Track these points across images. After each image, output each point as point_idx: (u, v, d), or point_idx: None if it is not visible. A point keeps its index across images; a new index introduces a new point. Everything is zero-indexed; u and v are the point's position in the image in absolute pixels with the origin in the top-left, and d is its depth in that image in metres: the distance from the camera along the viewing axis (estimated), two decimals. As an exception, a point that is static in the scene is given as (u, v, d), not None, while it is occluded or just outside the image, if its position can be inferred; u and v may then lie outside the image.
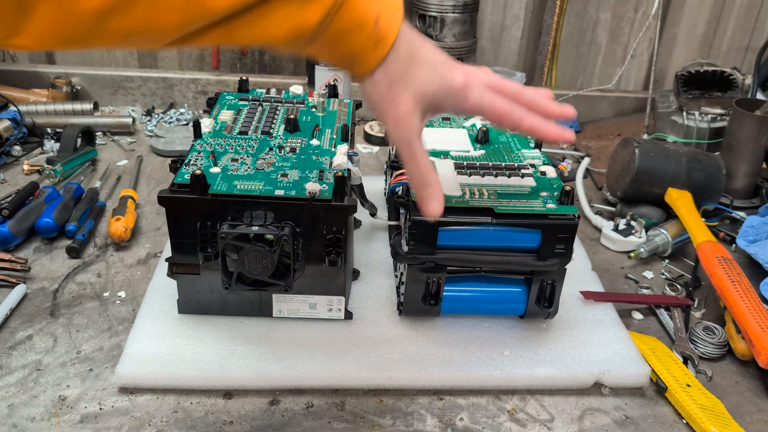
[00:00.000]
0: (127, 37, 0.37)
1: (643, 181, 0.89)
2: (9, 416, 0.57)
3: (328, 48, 0.44)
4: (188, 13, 0.37)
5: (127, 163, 1.02)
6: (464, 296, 0.65)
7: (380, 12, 0.44)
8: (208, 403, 0.59)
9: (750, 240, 0.81)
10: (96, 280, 0.74)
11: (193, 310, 0.66)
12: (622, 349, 0.65)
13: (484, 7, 1.24)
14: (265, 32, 0.40)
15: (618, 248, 0.86)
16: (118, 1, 0.34)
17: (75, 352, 0.64)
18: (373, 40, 0.44)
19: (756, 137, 0.94)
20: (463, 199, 0.60)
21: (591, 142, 1.17)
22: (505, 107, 0.51)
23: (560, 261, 0.61)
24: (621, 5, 1.29)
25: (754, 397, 0.64)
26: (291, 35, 0.41)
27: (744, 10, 1.30)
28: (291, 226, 0.59)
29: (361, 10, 0.43)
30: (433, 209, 0.51)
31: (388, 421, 0.59)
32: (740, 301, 0.68)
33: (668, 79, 1.34)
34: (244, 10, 0.39)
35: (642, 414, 0.61)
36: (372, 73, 0.47)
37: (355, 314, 0.67)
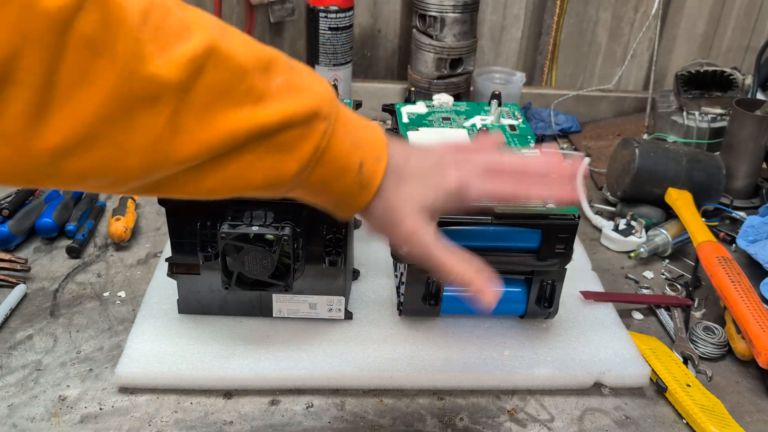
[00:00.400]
0: (83, 179, 0.34)
1: (643, 181, 0.89)
2: (9, 416, 0.57)
3: (311, 194, 0.43)
4: (150, 159, 0.34)
5: (127, 163, 1.02)
6: (464, 296, 0.64)
7: (363, 157, 0.42)
8: (208, 403, 0.59)
9: (750, 240, 0.81)
10: (96, 280, 0.74)
11: (193, 310, 0.66)
12: (622, 349, 0.65)
13: (484, 7, 1.24)
14: (239, 181, 0.39)
15: (618, 248, 0.86)
16: (75, 141, 0.32)
17: (75, 352, 0.64)
18: (358, 185, 0.43)
19: (756, 137, 0.94)
20: (463, 199, 0.60)
21: (591, 142, 1.17)
22: (507, 191, 0.49)
23: (560, 261, 0.61)
24: (621, 5, 1.29)
25: (754, 397, 0.64)
26: (267, 184, 0.40)
27: (744, 10, 1.30)
28: (291, 226, 0.59)
29: (344, 158, 0.41)
30: (489, 298, 0.48)
31: (388, 421, 0.59)
32: (740, 301, 0.68)
33: (668, 79, 1.34)
34: (214, 159, 0.37)
35: (642, 414, 0.61)
36: (362, 211, 0.45)
37: (355, 314, 0.67)
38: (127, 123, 0.33)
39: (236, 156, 0.37)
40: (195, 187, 0.38)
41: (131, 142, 0.33)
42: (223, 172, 0.38)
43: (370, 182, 0.43)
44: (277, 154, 0.39)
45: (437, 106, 0.81)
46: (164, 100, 0.33)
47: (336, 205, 0.45)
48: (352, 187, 0.43)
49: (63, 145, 0.32)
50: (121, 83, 0.32)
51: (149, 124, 0.34)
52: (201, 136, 0.35)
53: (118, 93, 0.32)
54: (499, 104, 0.79)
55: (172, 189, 0.38)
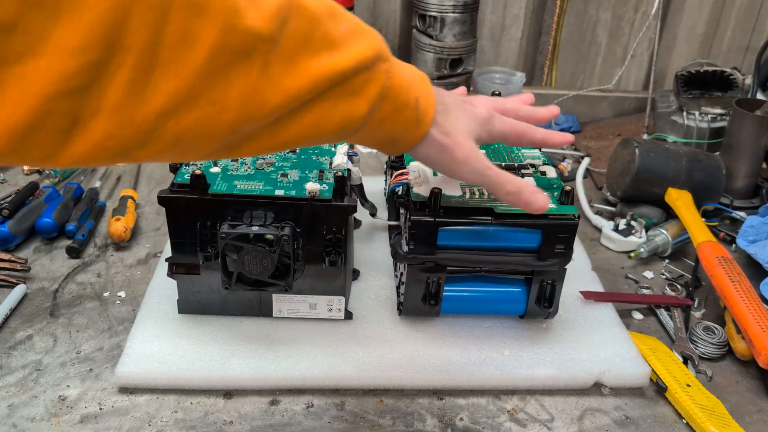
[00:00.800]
0: (178, 142, 0.34)
1: (643, 181, 0.89)
2: (9, 416, 0.57)
3: (371, 135, 0.45)
4: (243, 113, 0.35)
5: (127, 163, 1.02)
6: (464, 296, 0.65)
7: (417, 93, 0.45)
8: (208, 403, 0.59)
9: (750, 240, 0.81)
10: (96, 280, 0.74)
11: (193, 310, 0.66)
12: (622, 349, 0.65)
13: (484, 7, 1.24)
14: (315, 129, 0.40)
15: (618, 248, 0.86)
16: (178, 102, 0.32)
17: (75, 352, 0.64)
18: (414, 120, 0.45)
19: (756, 137, 0.94)
20: (463, 199, 0.60)
21: (591, 142, 1.17)
22: (521, 126, 0.55)
23: (560, 261, 0.61)
24: (621, 5, 1.29)
25: (754, 397, 0.64)
26: (339, 129, 0.41)
27: (744, 10, 1.30)
28: (291, 226, 0.59)
29: (403, 96, 0.44)
30: (543, 202, 0.52)
31: (388, 421, 0.59)
32: (740, 301, 0.68)
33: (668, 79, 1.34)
34: (294, 110, 0.38)
35: (642, 414, 0.61)
36: (415, 146, 0.48)
37: (355, 314, 0.67)
38: (224, 78, 0.34)
39: (316, 103, 0.39)
40: (272, 140, 0.39)
41: (228, 97, 0.34)
42: (301, 121, 0.39)
43: (424, 116, 0.46)
44: (350, 98, 0.40)
45: None
46: (257, 52, 0.34)
47: (392, 143, 0.47)
48: (409, 122, 0.45)
49: (166, 107, 0.32)
50: (221, 39, 0.32)
51: (244, 78, 0.34)
52: (288, 85, 0.36)
53: (218, 49, 0.33)
54: (499, 104, 0.79)
55: (251, 145, 0.39)
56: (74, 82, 0.29)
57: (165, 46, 0.31)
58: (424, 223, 0.59)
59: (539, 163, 0.68)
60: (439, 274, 0.62)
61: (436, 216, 0.59)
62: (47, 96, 0.29)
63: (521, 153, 0.70)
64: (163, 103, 0.32)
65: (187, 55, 0.32)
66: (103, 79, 0.30)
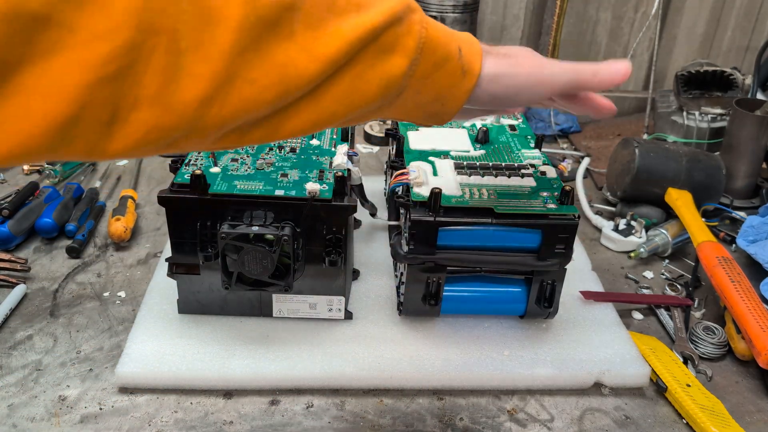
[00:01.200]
0: (222, 126, 0.34)
1: (643, 181, 0.89)
2: (9, 416, 0.57)
3: (415, 96, 0.42)
4: (283, 84, 0.34)
5: (127, 163, 1.02)
6: (464, 296, 0.65)
7: (460, 43, 0.43)
8: (208, 403, 0.59)
9: (750, 240, 0.81)
10: (96, 280, 0.74)
11: (193, 310, 0.66)
12: (622, 349, 0.65)
13: (484, 7, 1.24)
14: (355, 95, 0.38)
15: (618, 248, 0.86)
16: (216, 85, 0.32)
17: (75, 352, 0.64)
18: (460, 70, 0.43)
19: (756, 137, 0.94)
20: (463, 199, 0.60)
21: (591, 142, 1.17)
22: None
23: (560, 261, 0.61)
24: (621, 5, 1.29)
25: (754, 397, 0.64)
26: (381, 90, 0.39)
27: (744, 10, 1.30)
28: (291, 226, 0.59)
29: (443, 46, 0.41)
30: (625, 68, 0.49)
31: (388, 421, 0.59)
32: (740, 301, 0.68)
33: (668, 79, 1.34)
34: (333, 74, 0.37)
35: (642, 414, 0.61)
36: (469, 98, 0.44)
37: (355, 314, 0.67)
38: (256, 54, 0.33)
39: (352, 66, 0.37)
40: (313, 113, 0.38)
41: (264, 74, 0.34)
42: (339, 87, 0.37)
43: (471, 66, 0.43)
44: (386, 55, 0.38)
45: None
46: (283, 21, 0.34)
47: (440, 102, 0.44)
48: (455, 73, 0.42)
49: (206, 92, 0.32)
50: (245, 13, 0.32)
51: (276, 50, 0.34)
52: (320, 51, 0.35)
53: (244, 25, 0.32)
54: (499, 104, 0.79)
55: (293, 123, 0.37)
56: (109, 68, 0.29)
57: (190, 27, 0.31)
58: (424, 223, 0.59)
59: (539, 163, 0.68)
60: (439, 274, 0.62)
61: (436, 216, 0.59)
62: (85, 85, 0.28)
63: (521, 153, 0.70)
64: (202, 88, 0.32)
65: (214, 34, 0.31)
66: (138, 65, 0.30)
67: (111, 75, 0.29)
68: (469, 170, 0.65)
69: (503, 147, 0.72)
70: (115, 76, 0.29)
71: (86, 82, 0.28)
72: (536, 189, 0.63)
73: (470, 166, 0.66)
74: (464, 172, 0.65)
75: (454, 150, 0.70)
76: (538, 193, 0.62)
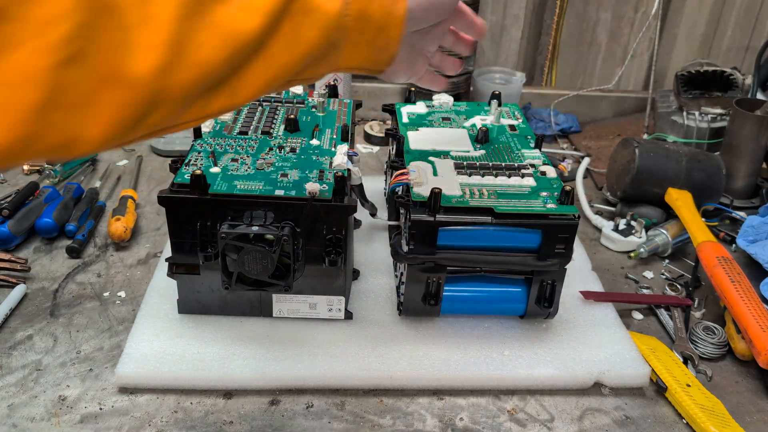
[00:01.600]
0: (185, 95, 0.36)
1: (643, 181, 0.89)
2: (9, 416, 0.57)
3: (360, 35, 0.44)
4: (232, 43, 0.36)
5: (127, 163, 1.02)
6: (464, 296, 0.65)
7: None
8: (208, 403, 0.59)
9: (750, 240, 0.81)
10: (96, 280, 0.74)
11: (193, 310, 0.66)
12: (622, 349, 0.65)
13: (484, 7, 1.24)
14: (300, 42, 0.40)
15: (618, 248, 0.86)
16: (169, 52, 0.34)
17: (75, 352, 0.64)
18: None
19: (756, 137, 0.94)
20: (463, 199, 0.60)
21: (591, 142, 1.17)
22: None
23: (560, 261, 0.61)
24: (621, 5, 1.29)
25: (754, 397, 0.64)
26: (323, 33, 0.41)
27: (744, 10, 1.30)
28: (291, 226, 0.59)
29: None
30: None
31: (388, 421, 0.59)
32: (740, 301, 0.68)
33: (668, 79, 1.34)
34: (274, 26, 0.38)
35: (642, 414, 0.61)
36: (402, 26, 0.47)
37: (355, 314, 0.67)
38: (200, 19, 0.35)
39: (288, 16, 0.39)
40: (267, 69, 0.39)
41: (211, 36, 0.35)
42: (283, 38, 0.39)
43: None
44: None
45: (437, 106, 0.81)
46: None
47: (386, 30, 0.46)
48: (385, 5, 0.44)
49: (159, 62, 0.33)
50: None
51: (217, 12, 0.36)
52: (257, 6, 0.37)
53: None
54: (499, 104, 0.79)
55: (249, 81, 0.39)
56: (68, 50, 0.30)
57: (132, 3, 0.32)
58: (424, 223, 0.59)
59: (539, 163, 0.68)
60: (439, 274, 0.62)
61: (436, 216, 0.59)
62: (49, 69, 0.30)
63: (521, 153, 0.70)
64: (155, 58, 0.33)
65: (156, 6, 0.33)
66: (93, 44, 0.31)
67: (71, 56, 0.30)
68: (469, 170, 0.65)
69: (503, 147, 0.72)
70: (74, 57, 0.30)
71: (50, 66, 0.30)
72: (536, 189, 0.63)
73: (470, 166, 0.66)
74: (464, 172, 0.65)
75: (454, 150, 0.70)
76: (538, 193, 0.62)
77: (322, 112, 0.77)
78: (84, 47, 0.31)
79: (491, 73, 1.22)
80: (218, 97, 0.38)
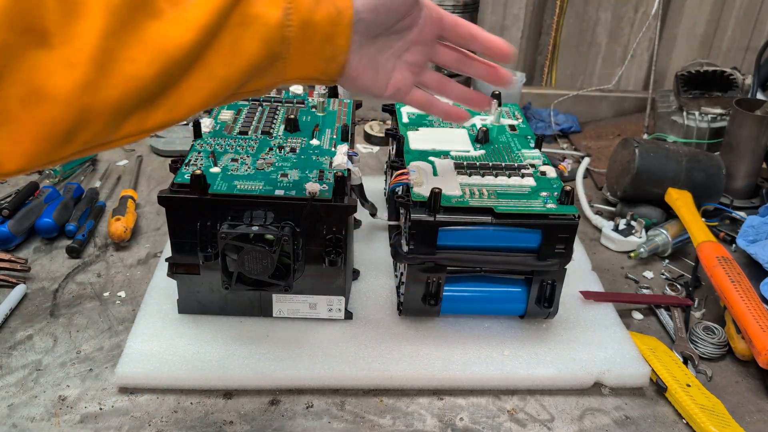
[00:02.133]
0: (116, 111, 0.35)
1: (643, 181, 0.89)
2: (9, 416, 0.57)
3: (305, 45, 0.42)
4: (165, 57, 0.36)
5: (127, 163, 1.02)
6: (464, 296, 0.65)
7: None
8: (208, 403, 0.59)
9: (750, 240, 0.81)
10: (96, 280, 0.74)
11: (193, 310, 0.66)
12: (622, 349, 0.65)
13: (484, 7, 1.24)
14: (241, 55, 0.39)
15: (618, 248, 0.86)
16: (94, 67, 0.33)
17: (75, 352, 0.64)
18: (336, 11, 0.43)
19: (756, 137, 0.94)
20: (463, 199, 0.60)
21: (591, 142, 1.17)
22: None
23: (560, 261, 0.61)
24: (621, 5, 1.29)
25: (754, 397, 0.64)
26: (264, 45, 0.40)
27: (744, 10, 1.30)
28: (291, 226, 0.59)
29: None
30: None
31: (388, 421, 0.59)
32: (740, 301, 0.68)
33: (668, 79, 1.34)
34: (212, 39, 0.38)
35: (642, 414, 0.61)
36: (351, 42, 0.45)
37: (355, 314, 0.67)
38: (131, 34, 0.35)
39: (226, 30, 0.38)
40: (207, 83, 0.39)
41: (143, 51, 0.35)
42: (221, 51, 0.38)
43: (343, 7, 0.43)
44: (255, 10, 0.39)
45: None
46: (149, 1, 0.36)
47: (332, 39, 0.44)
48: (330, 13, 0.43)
49: (84, 78, 0.33)
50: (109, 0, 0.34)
51: (149, 27, 0.35)
52: (191, 21, 0.37)
53: (110, 9, 0.34)
54: (499, 104, 0.79)
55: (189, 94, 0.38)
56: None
57: (58, 24, 0.32)
58: (424, 223, 0.59)
59: (539, 163, 0.68)
60: (439, 274, 0.62)
61: (436, 216, 0.59)
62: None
63: (521, 153, 0.70)
64: (80, 75, 0.33)
65: (83, 25, 0.33)
66: (14, 63, 0.31)
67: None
68: (469, 170, 0.65)
69: (503, 147, 0.72)
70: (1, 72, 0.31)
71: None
72: (536, 189, 0.63)
73: (470, 166, 0.66)
74: (464, 172, 0.65)
75: (454, 150, 0.70)
76: (538, 193, 0.62)
77: (322, 112, 0.77)
78: (4, 66, 0.31)
79: (491, 73, 1.22)
80: (156, 112, 0.38)
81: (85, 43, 0.33)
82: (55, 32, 0.32)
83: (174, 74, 0.37)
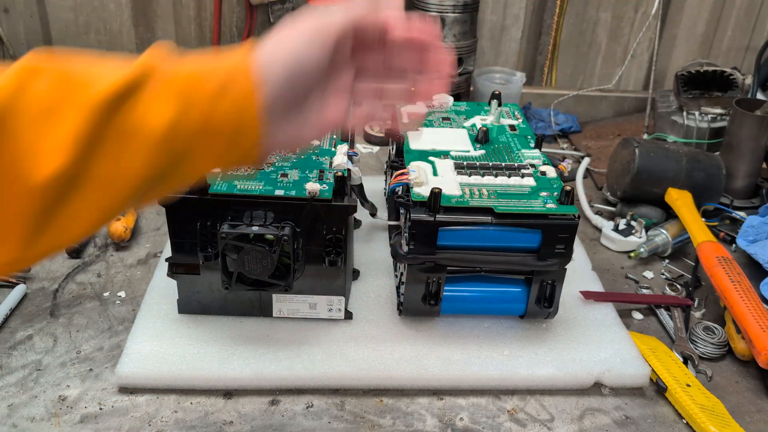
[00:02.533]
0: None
1: (643, 181, 0.89)
2: (9, 416, 0.57)
3: (210, 145, 0.36)
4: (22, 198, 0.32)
5: (127, 163, 1.02)
6: (464, 296, 0.65)
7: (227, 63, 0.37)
8: (208, 403, 0.59)
9: (750, 240, 0.81)
10: (96, 280, 0.74)
11: (193, 310, 0.66)
12: (622, 349, 0.65)
13: (484, 7, 1.24)
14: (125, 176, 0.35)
15: (618, 248, 0.86)
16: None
17: (75, 352, 0.64)
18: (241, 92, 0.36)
19: (756, 137, 0.94)
20: (463, 199, 0.60)
21: (591, 142, 1.17)
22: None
23: (560, 261, 0.61)
24: (621, 5, 1.29)
25: (754, 397, 0.64)
26: (155, 159, 0.35)
27: (744, 10, 1.30)
28: (291, 226, 0.59)
29: (208, 78, 0.35)
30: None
31: (388, 421, 0.59)
32: (740, 301, 0.68)
33: (668, 79, 1.34)
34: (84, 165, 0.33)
35: (642, 414, 0.61)
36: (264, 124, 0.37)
37: (355, 314, 0.67)
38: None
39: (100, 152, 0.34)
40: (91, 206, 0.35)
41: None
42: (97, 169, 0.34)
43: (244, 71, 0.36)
44: (141, 113, 0.34)
45: (437, 106, 0.81)
46: None
47: (242, 129, 0.37)
48: (236, 102, 0.36)
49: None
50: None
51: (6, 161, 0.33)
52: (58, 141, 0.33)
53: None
54: (499, 104, 0.79)
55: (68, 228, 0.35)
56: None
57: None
58: (424, 223, 0.59)
59: (539, 163, 0.68)
60: (439, 274, 0.62)
61: (436, 216, 0.59)
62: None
63: (521, 153, 0.70)
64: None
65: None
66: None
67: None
68: (469, 170, 0.65)
69: (503, 147, 0.72)
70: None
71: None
72: (536, 189, 0.63)
73: (470, 166, 0.66)
74: (464, 172, 0.65)
75: (454, 150, 0.70)
76: (538, 193, 0.62)
77: (322, 112, 0.77)
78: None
79: (491, 72, 1.22)
80: (38, 243, 0.34)
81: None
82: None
83: (46, 207, 0.33)
